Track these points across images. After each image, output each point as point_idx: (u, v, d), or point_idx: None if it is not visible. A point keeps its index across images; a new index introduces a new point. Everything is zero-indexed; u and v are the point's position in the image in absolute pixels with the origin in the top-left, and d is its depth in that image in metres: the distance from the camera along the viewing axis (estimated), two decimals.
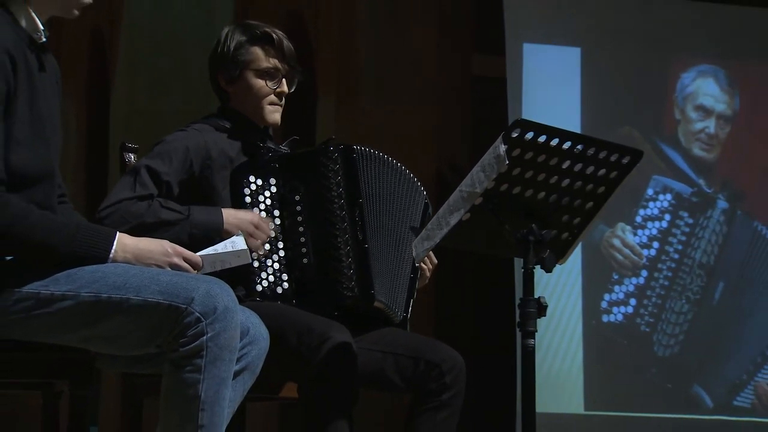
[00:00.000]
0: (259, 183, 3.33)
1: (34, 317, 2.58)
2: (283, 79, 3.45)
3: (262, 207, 3.32)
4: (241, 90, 3.43)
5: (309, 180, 3.34)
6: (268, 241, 3.29)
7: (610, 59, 6.11)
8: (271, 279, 3.30)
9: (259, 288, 3.28)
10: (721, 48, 6.23)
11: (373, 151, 3.44)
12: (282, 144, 3.48)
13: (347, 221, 3.34)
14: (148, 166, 3.28)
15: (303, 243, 3.33)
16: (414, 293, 3.54)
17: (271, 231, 3.30)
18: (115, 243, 2.63)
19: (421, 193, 3.53)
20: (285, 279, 3.31)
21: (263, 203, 3.33)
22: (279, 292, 3.29)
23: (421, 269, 3.56)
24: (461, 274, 5.96)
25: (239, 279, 3.19)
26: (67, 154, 2.83)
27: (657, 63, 6.17)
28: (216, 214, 3.25)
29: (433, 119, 6.24)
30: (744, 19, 6.25)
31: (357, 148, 3.40)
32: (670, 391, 6.00)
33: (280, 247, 3.32)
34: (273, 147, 3.42)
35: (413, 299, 3.54)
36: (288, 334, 3.13)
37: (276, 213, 3.34)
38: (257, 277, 3.28)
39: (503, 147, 2.83)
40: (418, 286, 3.56)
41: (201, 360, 2.55)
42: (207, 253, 2.81)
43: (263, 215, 3.31)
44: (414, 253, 3.01)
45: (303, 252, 3.32)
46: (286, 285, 3.30)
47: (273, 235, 3.31)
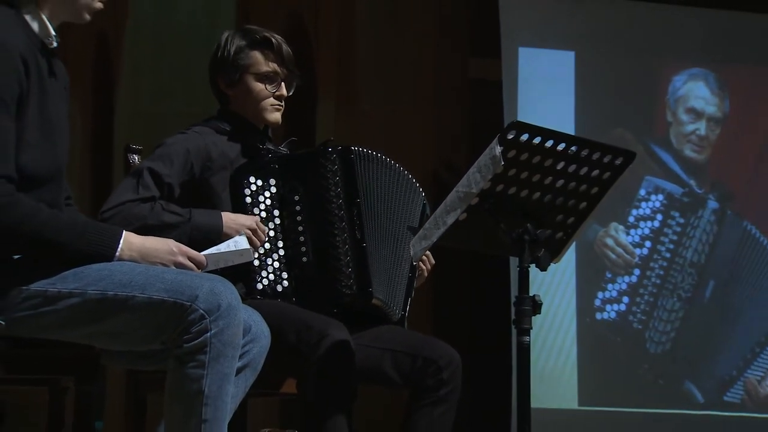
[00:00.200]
0: (259, 183, 3.33)
1: (41, 314, 2.58)
2: (282, 83, 3.45)
3: (262, 207, 3.32)
4: (241, 93, 3.43)
5: (308, 180, 3.34)
6: (267, 241, 3.29)
7: (603, 63, 6.11)
8: (272, 277, 3.30)
9: (260, 286, 3.28)
10: (712, 52, 6.22)
11: (371, 152, 3.43)
12: (281, 145, 3.48)
13: (345, 221, 3.34)
14: (150, 168, 3.27)
15: (302, 242, 3.32)
16: (412, 292, 3.53)
17: (270, 232, 3.30)
18: (122, 241, 2.64)
19: (420, 194, 3.53)
20: (285, 277, 3.31)
21: (263, 203, 3.33)
22: (279, 290, 3.29)
23: (419, 269, 3.56)
24: (459, 274, 5.95)
25: (240, 277, 3.19)
26: (73, 155, 2.83)
27: (649, 67, 6.17)
28: (216, 217, 3.24)
29: (431, 121, 6.23)
30: (734, 24, 6.24)
31: (355, 149, 3.39)
32: (662, 387, 6.00)
33: (279, 246, 3.32)
34: (272, 148, 3.42)
35: (411, 298, 3.54)
36: (287, 331, 3.13)
37: (276, 213, 3.33)
38: (258, 276, 3.28)
39: (499, 148, 2.83)
40: (416, 285, 3.56)
41: (205, 356, 2.56)
42: (211, 253, 2.81)
43: (263, 215, 3.31)
44: (411, 252, 3.01)
45: (302, 251, 3.32)
46: (286, 283, 3.30)
47: (271, 236, 3.30)
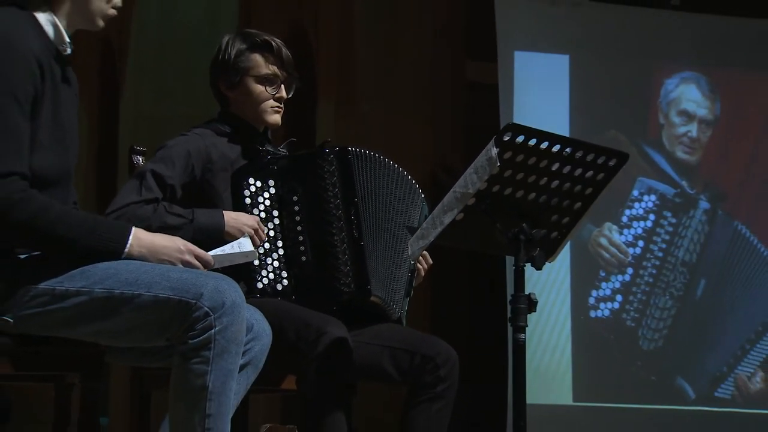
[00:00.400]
0: (259, 185, 3.32)
1: (49, 312, 2.58)
2: (282, 85, 3.43)
3: (261, 207, 3.31)
4: (242, 95, 3.41)
5: (306, 181, 3.33)
6: (267, 240, 3.29)
7: (597, 66, 6.12)
8: (272, 276, 3.29)
9: (260, 285, 3.27)
10: (704, 56, 6.23)
11: (369, 153, 3.41)
12: (280, 146, 3.47)
13: (343, 220, 3.32)
14: (152, 170, 3.26)
15: (301, 241, 3.31)
16: (411, 291, 3.53)
17: (269, 232, 3.29)
18: (131, 237, 2.63)
19: (419, 194, 3.51)
20: (285, 276, 3.30)
21: (263, 204, 3.32)
22: (279, 288, 3.28)
23: (417, 268, 3.56)
24: (457, 274, 5.96)
25: (241, 276, 3.18)
26: (78, 157, 2.83)
27: (642, 70, 6.18)
28: (218, 217, 3.23)
29: (429, 123, 6.24)
30: (725, 29, 6.25)
31: (352, 149, 3.38)
32: (654, 383, 6.01)
33: (279, 246, 3.31)
34: (272, 150, 3.40)
35: (410, 297, 3.53)
36: (287, 329, 3.12)
37: (275, 213, 3.32)
38: (258, 275, 3.27)
39: (495, 150, 2.82)
40: (414, 284, 3.55)
41: (209, 352, 2.55)
42: (216, 254, 2.81)
43: (263, 215, 3.29)
44: (409, 251, 3.01)
45: (301, 250, 3.31)
46: (285, 282, 3.29)
47: (271, 236, 3.30)
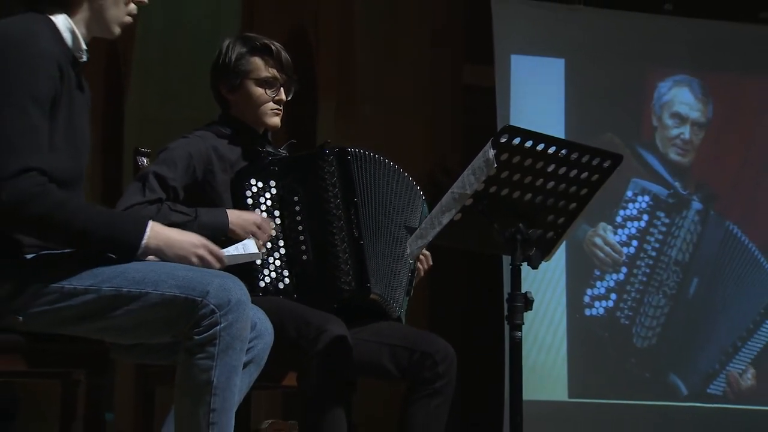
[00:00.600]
0: (260, 185, 3.32)
1: (57, 310, 2.57)
2: (281, 88, 3.43)
3: (263, 208, 3.31)
4: (242, 98, 3.41)
5: (307, 181, 3.32)
6: (269, 240, 3.30)
7: (592, 70, 6.12)
8: (273, 275, 3.28)
9: (262, 284, 3.26)
10: (696, 59, 6.24)
11: (368, 153, 3.40)
12: (280, 148, 3.46)
13: (343, 220, 3.32)
14: (155, 172, 3.26)
15: (302, 241, 3.31)
16: (411, 291, 3.52)
17: (273, 230, 3.30)
18: (149, 230, 2.61)
19: (418, 194, 3.50)
20: (286, 275, 3.29)
21: (264, 204, 3.31)
22: (281, 287, 3.28)
23: (417, 268, 3.55)
24: (455, 274, 5.96)
25: (243, 275, 3.16)
26: None
27: (636, 73, 6.18)
28: (221, 215, 3.23)
29: (427, 125, 6.24)
30: (718, 33, 6.26)
31: (351, 150, 3.37)
32: (648, 380, 6.01)
33: (280, 245, 3.31)
34: (272, 151, 3.39)
35: (410, 297, 3.53)
36: (288, 327, 3.11)
37: (276, 213, 3.32)
38: (260, 274, 3.26)
39: (492, 151, 2.82)
40: (414, 283, 3.55)
41: (214, 348, 2.55)
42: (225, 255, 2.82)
43: (264, 216, 3.30)
44: (408, 251, 3.00)
45: (302, 249, 3.31)
46: (287, 281, 3.29)
47: (274, 234, 3.30)
